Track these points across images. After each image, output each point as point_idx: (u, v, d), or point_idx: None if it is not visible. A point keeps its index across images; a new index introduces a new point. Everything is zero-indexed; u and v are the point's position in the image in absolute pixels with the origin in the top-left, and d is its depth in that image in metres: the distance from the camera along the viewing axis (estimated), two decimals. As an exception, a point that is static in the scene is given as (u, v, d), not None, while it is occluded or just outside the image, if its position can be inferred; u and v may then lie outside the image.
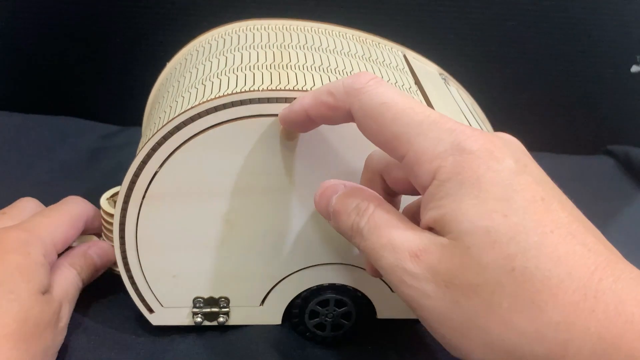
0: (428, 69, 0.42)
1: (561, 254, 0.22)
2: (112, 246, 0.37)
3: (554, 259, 0.21)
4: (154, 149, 0.31)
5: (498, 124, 0.45)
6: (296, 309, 0.36)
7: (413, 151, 0.24)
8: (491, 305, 0.22)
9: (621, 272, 0.22)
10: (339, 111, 0.27)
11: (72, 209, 0.36)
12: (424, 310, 0.23)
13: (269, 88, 0.31)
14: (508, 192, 0.22)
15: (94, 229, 0.38)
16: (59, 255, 0.35)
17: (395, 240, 0.24)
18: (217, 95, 0.31)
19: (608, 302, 0.21)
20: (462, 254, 0.22)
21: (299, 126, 0.30)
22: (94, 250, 0.36)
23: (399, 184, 0.28)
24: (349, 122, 0.27)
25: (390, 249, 0.24)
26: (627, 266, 0.22)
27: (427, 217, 0.24)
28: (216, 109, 0.31)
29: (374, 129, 0.25)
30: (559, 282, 0.21)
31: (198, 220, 0.33)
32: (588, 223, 0.24)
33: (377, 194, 0.27)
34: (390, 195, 0.29)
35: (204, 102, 0.31)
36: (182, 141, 0.31)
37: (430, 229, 0.24)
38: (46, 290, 0.32)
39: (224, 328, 0.36)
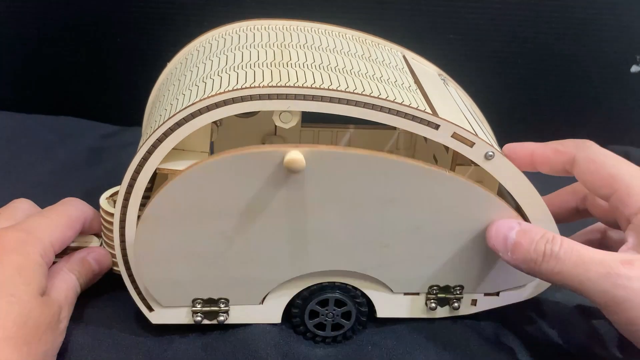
0: (427, 70, 0.43)
1: None
2: (110, 253, 0.37)
3: None
4: (154, 146, 0.31)
5: (497, 125, 0.45)
6: (296, 309, 0.36)
7: (625, 186, 0.32)
8: None
9: None
10: (563, 156, 0.34)
11: (71, 211, 0.36)
12: (635, 307, 0.29)
13: (270, 85, 0.31)
14: None
15: (92, 231, 0.38)
16: (57, 256, 0.35)
17: (603, 256, 0.30)
18: (217, 92, 0.31)
19: None
20: None
21: (518, 160, 0.35)
22: (92, 257, 0.37)
23: (597, 210, 0.37)
24: (561, 170, 0.35)
25: (597, 262, 0.30)
26: None
27: (635, 241, 0.31)
28: (217, 105, 0.31)
29: (593, 169, 0.33)
30: None
31: (198, 230, 0.33)
32: None
33: None
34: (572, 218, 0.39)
35: (204, 99, 0.31)
36: (183, 138, 0.31)
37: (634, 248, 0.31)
38: (44, 292, 0.32)
39: (223, 327, 0.36)
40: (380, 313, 0.37)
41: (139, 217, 0.33)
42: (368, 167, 0.32)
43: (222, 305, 0.35)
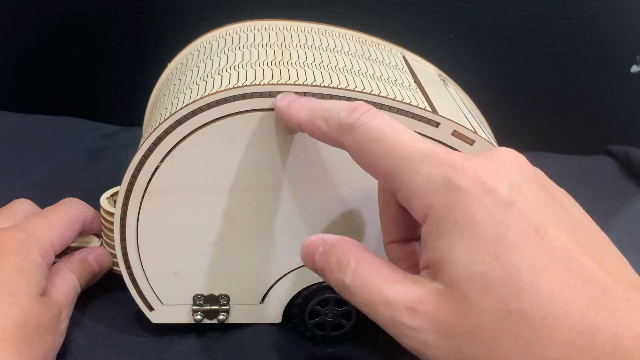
0: (427, 70, 0.43)
1: (555, 290, 0.21)
2: (110, 252, 0.37)
3: (549, 298, 0.21)
4: (155, 143, 0.31)
5: (497, 125, 0.45)
6: (296, 309, 0.36)
7: (404, 188, 0.24)
8: (492, 349, 0.22)
9: (618, 301, 0.21)
10: (331, 141, 0.28)
11: (70, 211, 0.36)
12: (428, 358, 0.24)
13: (270, 83, 0.31)
14: (500, 230, 0.22)
15: (93, 231, 0.38)
16: (58, 256, 0.35)
17: (389, 295, 0.24)
18: (217, 90, 0.31)
19: (604, 338, 0.20)
20: (459, 301, 0.22)
21: (289, 126, 0.30)
22: (93, 257, 0.37)
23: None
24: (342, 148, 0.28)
25: (383, 304, 0.24)
26: (625, 292, 0.21)
27: (424, 256, 0.24)
28: (217, 102, 0.31)
29: (368, 163, 0.26)
30: (555, 321, 0.21)
31: (199, 217, 0.33)
32: (590, 238, 0.24)
33: (359, 244, 0.27)
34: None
35: (205, 97, 0.31)
36: (184, 135, 0.31)
37: (427, 267, 0.24)
38: (44, 292, 0.32)
39: (223, 327, 0.36)
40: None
41: (139, 216, 0.33)
42: None
43: (223, 304, 0.35)
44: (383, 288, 0.24)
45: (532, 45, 0.57)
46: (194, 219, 0.33)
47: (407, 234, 0.28)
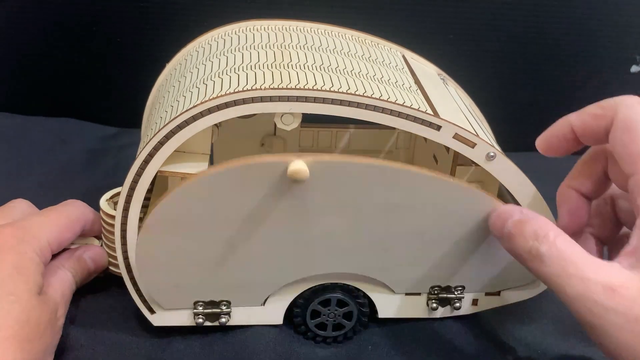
0: (427, 69, 0.42)
1: None
2: (106, 251, 0.37)
3: None
4: (156, 149, 0.31)
5: (497, 125, 0.45)
6: (298, 309, 0.36)
7: None
8: None
9: None
10: (603, 120, 0.29)
11: (71, 212, 0.36)
12: (609, 338, 0.26)
13: (270, 87, 0.31)
14: None
15: (93, 233, 0.38)
16: (54, 256, 0.35)
17: (587, 271, 0.26)
18: (218, 94, 0.31)
19: None
20: None
21: (560, 142, 0.32)
22: (89, 255, 0.36)
23: (618, 177, 0.31)
24: (601, 140, 0.30)
25: (578, 279, 0.26)
26: None
27: (635, 245, 0.27)
28: (218, 107, 0.30)
29: (625, 140, 0.28)
30: None
31: (199, 239, 0.33)
32: None
33: (554, 225, 0.29)
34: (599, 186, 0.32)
35: (205, 101, 0.30)
36: (184, 141, 0.31)
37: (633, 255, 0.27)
38: (41, 290, 0.32)
39: (224, 328, 0.36)
40: (382, 313, 0.37)
41: (140, 219, 0.33)
42: (372, 176, 0.31)
43: (224, 307, 0.35)
44: (580, 264, 0.27)
45: (532, 45, 0.56)
46: (195, 241, 0.33)
47: (593, 192, 0.32)
